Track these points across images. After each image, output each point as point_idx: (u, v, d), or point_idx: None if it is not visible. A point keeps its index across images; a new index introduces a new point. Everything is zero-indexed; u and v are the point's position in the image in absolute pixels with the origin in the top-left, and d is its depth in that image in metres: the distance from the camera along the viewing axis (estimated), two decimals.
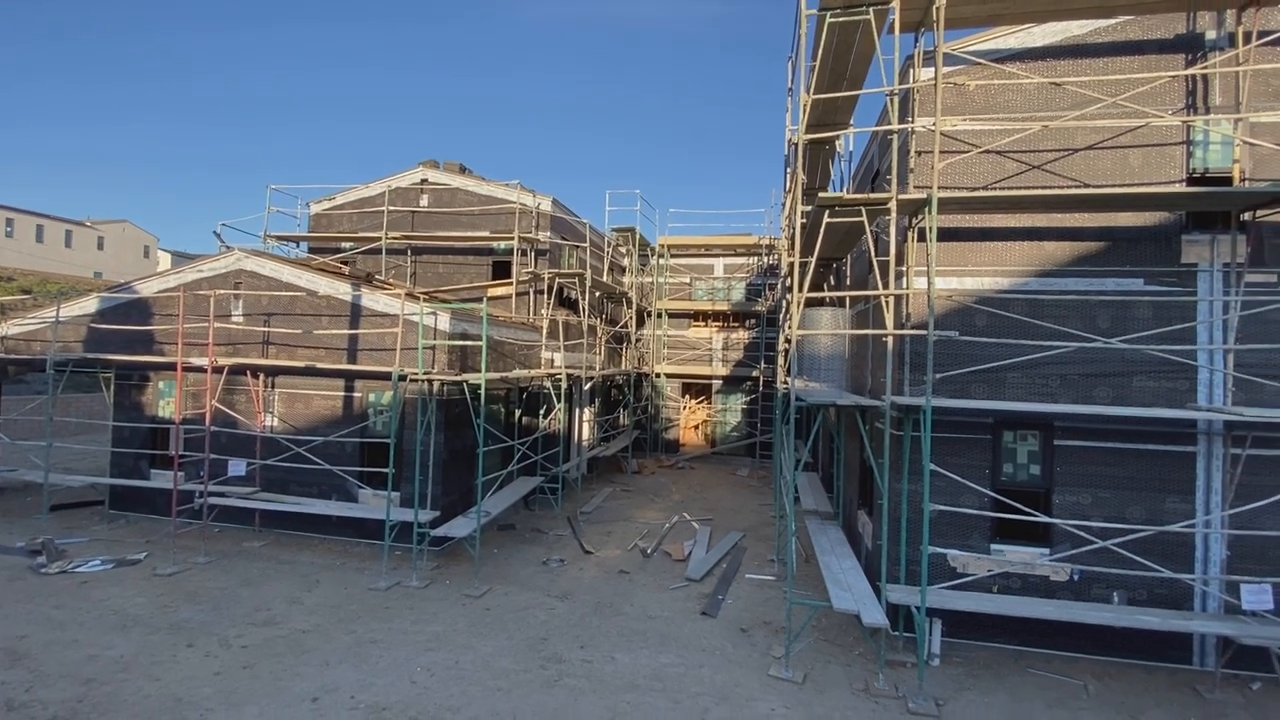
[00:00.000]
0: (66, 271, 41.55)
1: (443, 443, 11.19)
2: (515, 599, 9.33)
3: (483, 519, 10.43)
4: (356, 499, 11.67)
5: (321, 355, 11.76)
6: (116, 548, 10.98)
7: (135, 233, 53.77)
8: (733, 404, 23.21)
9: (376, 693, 6.59)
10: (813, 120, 9.08)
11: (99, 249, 49.92)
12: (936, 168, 7.27)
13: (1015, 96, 8.13)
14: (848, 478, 11.69)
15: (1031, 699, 6.86)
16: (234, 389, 12.16)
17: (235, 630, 7.96)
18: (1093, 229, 7.95)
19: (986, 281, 8.15)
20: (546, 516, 13.99)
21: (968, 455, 8.09)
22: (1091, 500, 7.80)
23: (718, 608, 9.19)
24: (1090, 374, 7.82)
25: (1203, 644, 7.55)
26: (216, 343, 11.68)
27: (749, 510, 15.20)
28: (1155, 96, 7.72)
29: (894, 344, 8.01)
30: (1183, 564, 7.55)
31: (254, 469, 11.82)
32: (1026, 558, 7.91)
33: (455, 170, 17.81)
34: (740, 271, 23.47)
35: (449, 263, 17.17)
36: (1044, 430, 8.02)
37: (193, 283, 12.49)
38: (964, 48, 8.12)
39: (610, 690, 6.81)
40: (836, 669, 7.46)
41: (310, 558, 10.83)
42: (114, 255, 50.69)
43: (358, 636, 7.90)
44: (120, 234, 52.07)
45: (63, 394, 12.34)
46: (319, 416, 11.93)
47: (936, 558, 7.92)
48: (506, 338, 13.56)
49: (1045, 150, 8.06)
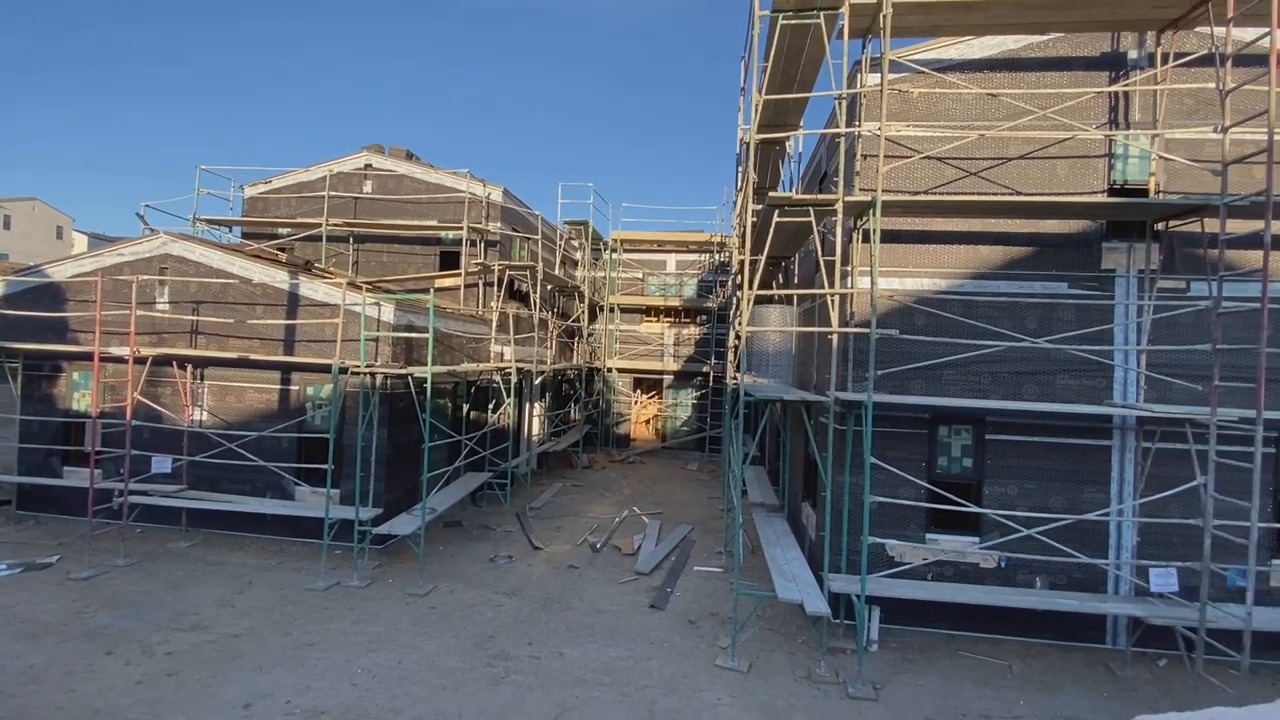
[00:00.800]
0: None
1: (386, 438, 10.86)
2: (461, 597, 9.17)
3: (428, 516, 10.19)
4: (293, 496, 11.21)
5: (256, 346, 11.21)
6: (25, 550, 10.20)
7: (46, 211, 49.87)
8: (683, 399, 23.43)
9: (314, 696, 6.36)
10: (764, 120, 9.23)
11: (5, 228, 46.09)
12: (881, 171, 7.50)
13: (955, 105, 8.46)
14: (793, 471, 11.99)
15: (961, 680, 7.22)
16: (159, 381, 11.46)
17: (159, 636, 7.53)
18: (1023, 234, 8.38)
19: (926, 282, 8.48)
20: (495, 513, 13.80)
21: (906, 449, 8.42)
22: (1018, 491, 8.24)
23: (666, 600, 9.28)
24: (1019, 372, 8.26)
25: (1115, 625, 8.11)
26: (139, 331, 10.97)
27: (698, 504, 15.40)
28: (1081, 111, 8.18)
29: (838, 341, 8.25)
30: (1098, 550, 8.08)
31: (180, 466, 11.19)
32: (959, 546, 8.30)
33: (402, 156, 17.24)
34: (692, 268, 23.68)
35: (394, 252, 16.63)
36: (976, 425, 8.43)
37: (112, 267, 11.68)
38: (908, 56, 8.41)
39: (558, 685, 6.79)
40: (780, 657, 7.66)
41: (243, 558, 10.34)
42: (22, 235, 46.89)
43: (294, 639, 7.60)
44: (30, 212, 48.19)
45: None
46: (253, 410, 11.38)
47: (876, 547, 8.22)
48: (454, 330, 13.27)
49: (981, 158, 8.43)
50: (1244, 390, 7.31)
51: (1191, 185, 8.08)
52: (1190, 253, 8.05)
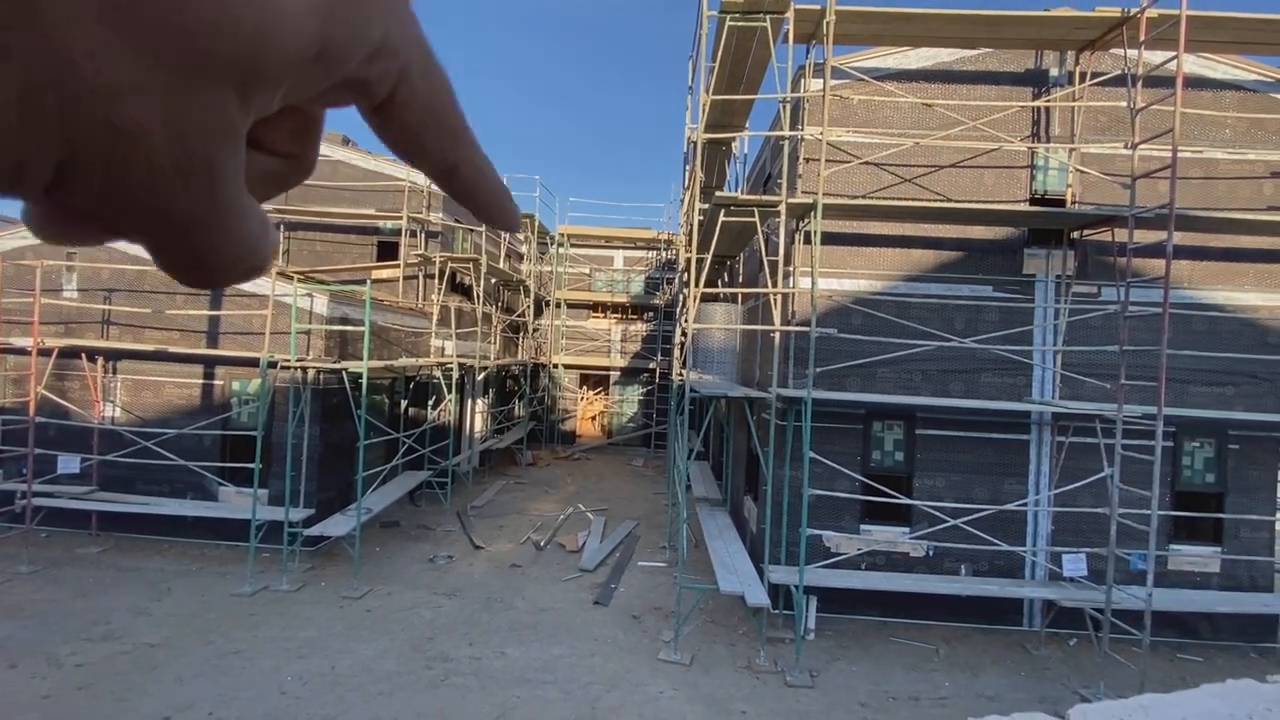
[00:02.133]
0: None
1: (318, 435, 10.42)
2: (399, 599, 8.91)
3: (364, 516, 9.84)
4: (217, 497, 10.61)
5: (175, 338, 10.54)
6: None
7: None
8: (630, 395, 23.48)
9: (240, 707, 6.05)
10: (711, 120, 9.33)
11: None
12: (822, 175, 7.71)
13: (892, 113, 8.78)
14: (736, 466, 12.22)
15: (892, 664, 7.54)
16: (66, 374, 10.61)
17: (68, 648, 6.99)
18: (953, 239, 8.79)
19: (863, 283, 8.78)
20: (435, 512, 13.46)
21: (842, 443, 8.71)
22: (945, 483, 8.67)
23: (610, 597, 9.29)
24: (947, 370, 8.68)
25: (1032, 608, 8.65)
26: (44, 321, 10.13)
27: (643, 499, 15.48)
28: (1007, 123, 8.64)
29: (780, 339, 8.44)
30: (1017, 538, 8.59)
31: (90, 465, 10.41)
32: (891, 536, 8.66)
33: (338, 142, 16.52)
34: (639, 265, 23.72)
35: (328, 241, 15.93)
36: (908, 420, 8.80)
37: (14, 251, 10.72)
38: (850, 63, 8.66)
39: (499, 686, 6.69)
40: (722, 648, 7.80)
41: (160, 564, 9.72)
42: None
43: (217, 648, 7.20)
44: None
45: None
46: (172, 407, 10.70)
47: (814, 539, 8.47)
48: (392, 324, 12.85)
49: (916, 165, 8.79)
50: (1147, 388, 7.90)
51: (1104, 197, 8.67)
52: (1101, 260, 8.64)
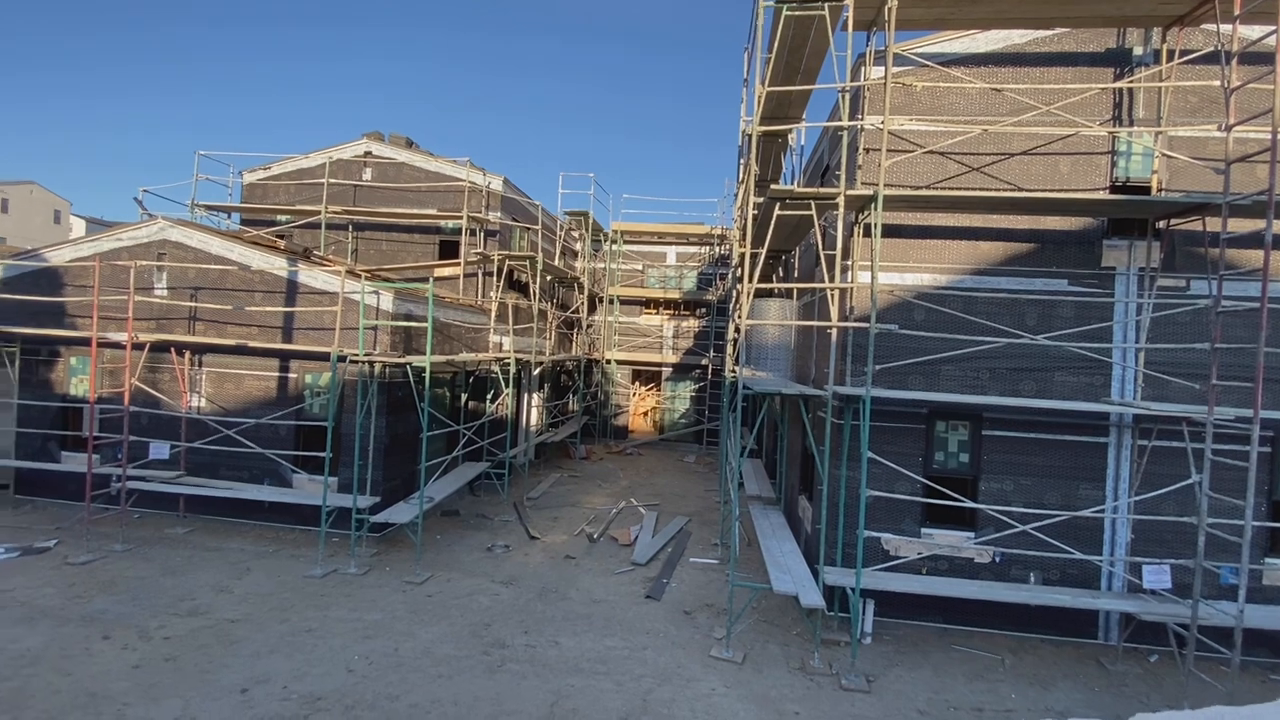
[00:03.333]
0: None
1: (384, 427, 10.87)
2: (458, 585, 9.20)
3: (426, 505, 10.21)
4: (291, 484, 11.23)
5: (254, 333, 11.20)
6: (23, 535, 10.22)
7: (44, 195, 49.58)
8: (682, 391, 23.44)
9: (311, 682, 6.40)
10: (767, 112, 9.18)
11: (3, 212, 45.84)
12: (884, 165, 7.47)
13: (959, 100, 8.42)
14: (790, 464, 12.02)
15: (954, 673, 7.27)
16: (157, 367, 11.44)
17: (157, 621, 7.56)
18: (1024, 231, 8.36)
19: (926, 278, 8.47)
20: (492, 502, 13.83)
21: (903, 443, 8.44)
22: (1014, 487, 8.27)
23: (662, 591, 9.33)
24: (1017, 368, 8.27)
25: (1107, 620, 8.17)
26: (138, 317, 10.94)
27: (695, 496, 15.44)
28: (1085, 107, 8.15)
29: (837, 336, 8.24)
30: (1092, 546, 8.12)
31: (178, 452, 11.19)
32: (954, 541, 8.34)
33: (402, 144, 17.15)
34: (692, 260, 23.62)
35: (393, 240, 16.58)
36: (974, 420, 8.45)
37: (110, 252, 11.63)
38: (912, 49, 8.35)
39: (554, 674, 6.83)
40: (775, 649, 7.71)
41: (240, 544, 10.37)
42: (20, 219, 46.65)
43: (291, 625, 7.63)
44: (27, 196, 47.91)
45: None
46: (251, 398, 11.38)
47: (871, 541, 8.26)
48: (453, 320, 13.25)
49: (984, 153, 8.40)
50: (1241, 389, 7.33)
51: (1194, 183, 8.07)
52: (1191, 251, 8.05)
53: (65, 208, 51.50)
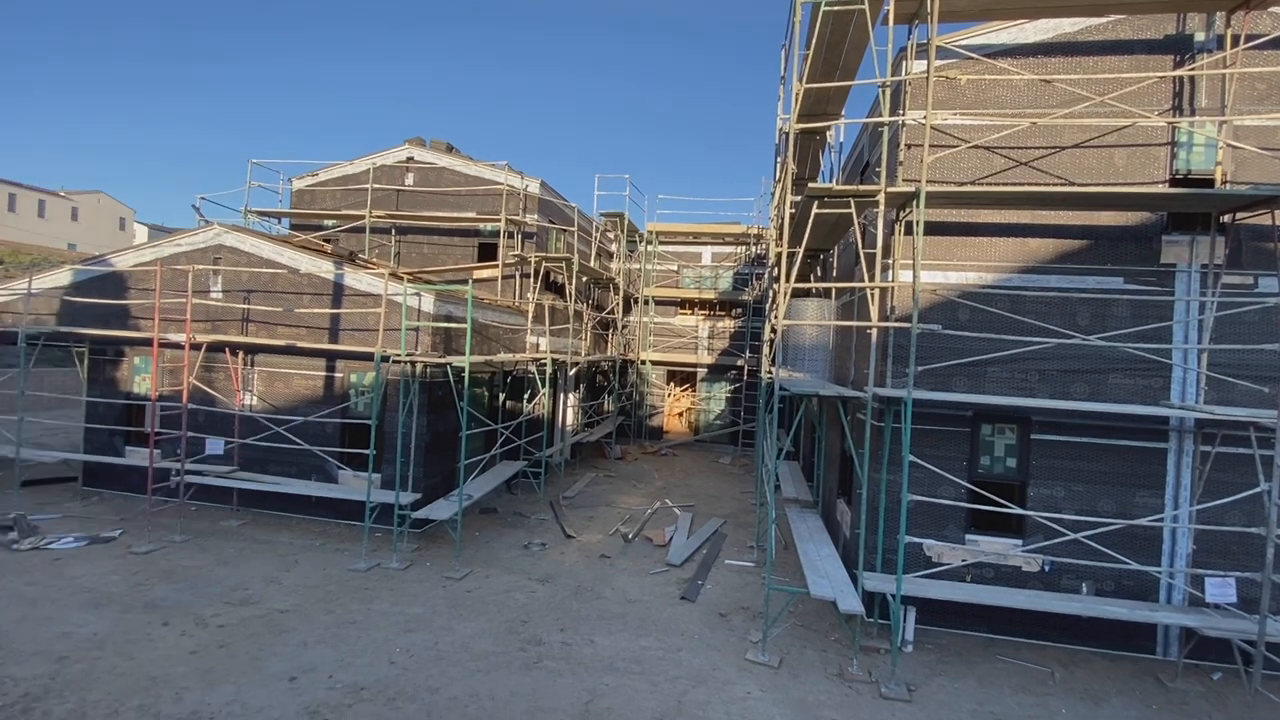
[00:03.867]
0: (39, 243, 40.42)
1: (425, 425, 11.12)
2: (496, 582, 9.35)
3: (464, 502, 10.41)
4: (336, 480, 11.59)
5: (302, 334, 11.60)
6: (90, 525, 10.81)
7: (111, 204, 52.38)
8: (717, 392, 23.31)
9: (355, 673, 6.59)
10: (804, 110, 9.06)
11: (73, 220, 48.60)
12: (926, 161, 7.29)
13: (1005, 92, 8.15)
14: (828, 467, 11.83)
15: (1000, 685, 7.04)
16: (212, 366, 11.96)
17: (212, 609, 7.90)
18: (1076, 227, 8.04)
19: (970, 276, 8.22)
20: (529, 501, 14.00)
21: (946, 447, 8.21)
22: (1065, 493, 7.96)
23: (697, 593, 9.29)
24: (1068, 370, 7.95)
25: (1166, 635, 7.78)
26: (195, 319, 11.46)
27: (730, 497, 15.33)
28: (1142, 97, 7.79)
29: (878, 336, 8.07)
30: (1150, 557, 7.75)
31: (232, 448, 11.67)
32: (1000, 548, 8.07)
33: (442, 149, 17.52)
34: (728, 260, 23.48)
35: (434, 243, 16.95)
36: (1021, 424, 8.16)
37: (170, 257, 12.21)
38: (956, 42, 8.13)
39: (589, 672, 6.87)
40: (812, 654, 7.59)
41: (289, 538, 10.75)
42: (89, 227, 49.40)
43: (336, 617, 7.88)
44: (95, 205, 50.71)
45: (35, 368, 12.06)
46: (299, 396, 11.79)
47: (913, 547, 8.06)
48: (491, 321, 13.46)
49: (1033, 147, 8.11)
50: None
51: (1262, 175, 7.63)
52: (1259, 246, 7.61)
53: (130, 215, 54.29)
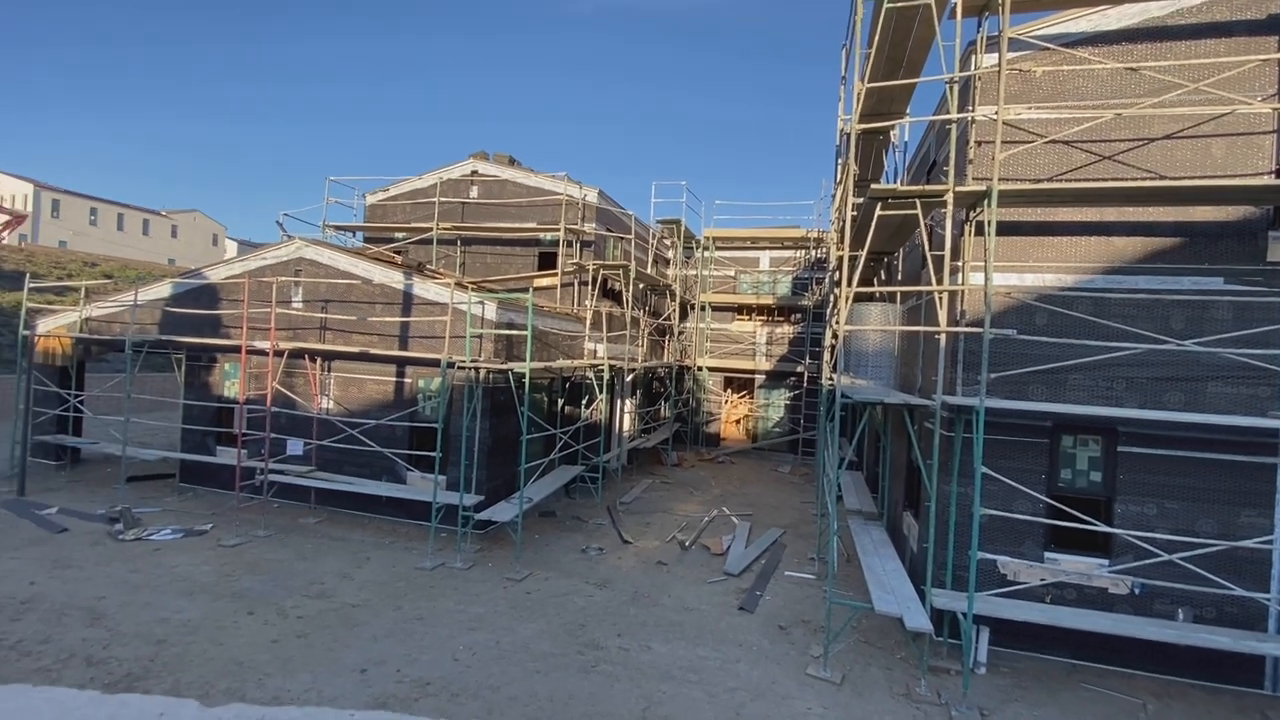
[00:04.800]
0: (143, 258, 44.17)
1: (488, 429, 11.44)
2: (555, 585, 9.49)
3: (525, 505, 10.63)
4: (405, 481, 12.06)
5: (374, 341, 12.16)
6: (186, 518, 11.66)
7: (205, 222, 56.66)
8: (776, 399, 22.92)
9: (421, 668, 6.83)
10: (867, 109, 8.84)
11: (172, 237, 52.84)
12: (998, 158, 6.97)
13: (1086, 83, 7.70)
14: (893, 478, 11.42)
15: (1083, 714, 6.58)
16: (293, 372, 12.70)
17: (291, 601, 8.37)
18: (1168, 224, 7.48)
19: (1048, 278, 7.78)
20: (586, 505, 14.15)
21: (1022, 459, 7.78)
22: (1157, 511, 7.39)
23: (755, 603, 9.14)
24: (1160, 377, 7.40)
25: (1276, 668, 7.08)
26: (278, 327, 12.22)
27: (790, 507, 15.02)
28: (1243, 81, 7.19)
29: (947, 341, 7.75)
30: (1257, 582, 7.08)
31: (311, 448, 12.35)
32: (1083, 568, 7.56)
33: (504, 162, 18.07)
34: (787, 265, 23.10)
35: (497, 253, 17.47)
36: (1107, 435, 7.64)
37: (256, 270, 13.08)
38: (1030, 32, 7.74)
39: (646, 679, 6.87)
40: (877, 672, 7.32)
41: (361, 535, 11.26)
42: (186, 243, 53.57)
43: (404, 613, 8.19)
44: (191, 223, 54.98)
45: (139, 373, 13.14)
46: (371, 400, 12.36)
47: (986, 564, 7.66)
48: (551, 328, 13.73)
49: (1117, 140, 7.62)
50: None
51: None
52: None
53: (221, 231, 58.55)
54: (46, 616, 7.53)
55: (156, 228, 51.42)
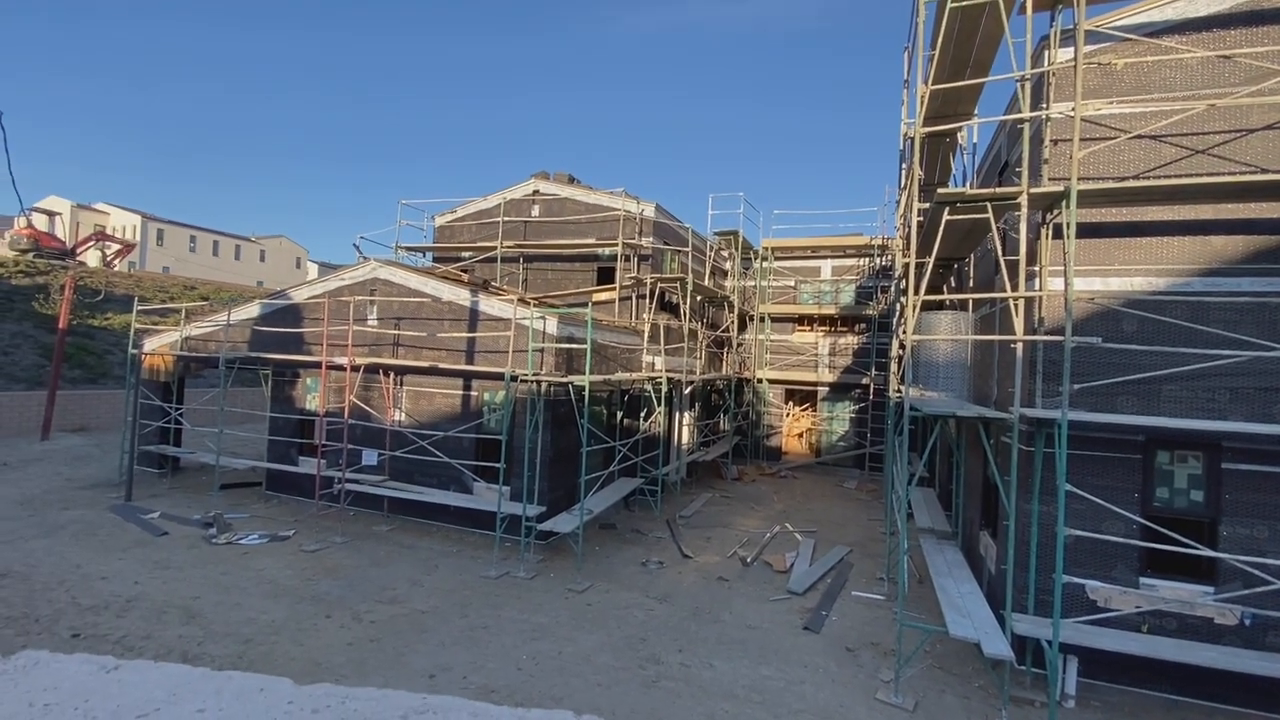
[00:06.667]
0: (235, 281, 47.62)
1: (549, 441, 11.64)
2: (616, 597, 9.51)
3: (586, 517, 10.73)
4: (471, 491, 12.42)
5: (443, 356, 12.64)
6: (271, 524, 12.40)
7: (290, 246, 60.61)
8: (840, 412, 22.29)
9: (486, 675, 6.98)
10: (931, 112, 8.58)
11: (261, 261, 56.76)
12: (1076, 157, 6.61)
13: (1174, 74, 7.21)
14: (968, 495, 10.87)
15: None
16: (369, 386, 13.35)
17: (365, 606, 8.74)
18: (1273, 221, 6.88)
19: (1137, 282, 7.28)
20: (646, 518, 14.14)
21: (1112, 476, 7.26)
22: (1269, 534, 6.73)
23: (821, 624, 8.86)
24: (1270, 388, 6.77)
25: None
26: (355, 344, 12.90)
27: (857, 524, 14.52)
28: None
29: (1024, 351, 7.36)
30: None
31: (384, 459, 12.91)
32: (1185, 595, 6.96)
33: (564, 180, 18.52)
34: (849, 273, 22.53)
35: (557, 269, 17.87)
36: (1209, 451, 7.03)
37: (335, 290, 13.87)
38: (1109, 23, 7.34)
39: (708, 697, 6.77)
40: (952, 699, 6.95)
41: (430, 544, 11.65)
42: (272, 266, 57.42)
43: (470, 621, 8.40)
44: (278, 247, 58.91)
45: (231, 387, 14.14)
46: (440, 413, 12.82)
47: (1073, 588, 7.16)
48: (609, 341, 13.89)
49: (1211, 132, 7.09)
50: None
51: None
52: None
53: (304, 254, 62.43)
54: (148, 614, 8.15)
55: (247, 252, 55.42)
